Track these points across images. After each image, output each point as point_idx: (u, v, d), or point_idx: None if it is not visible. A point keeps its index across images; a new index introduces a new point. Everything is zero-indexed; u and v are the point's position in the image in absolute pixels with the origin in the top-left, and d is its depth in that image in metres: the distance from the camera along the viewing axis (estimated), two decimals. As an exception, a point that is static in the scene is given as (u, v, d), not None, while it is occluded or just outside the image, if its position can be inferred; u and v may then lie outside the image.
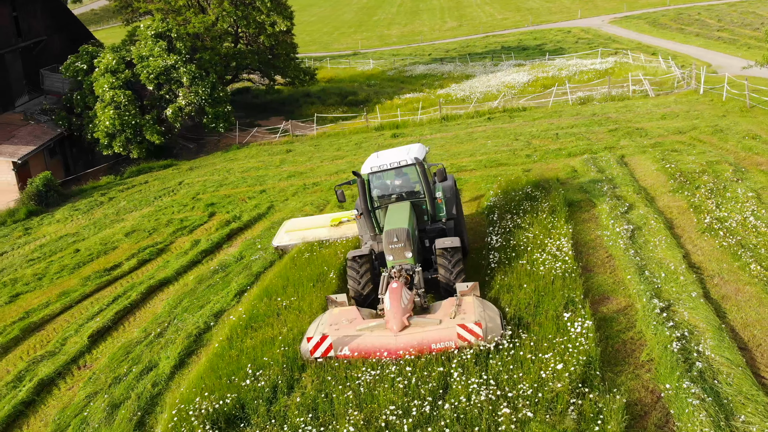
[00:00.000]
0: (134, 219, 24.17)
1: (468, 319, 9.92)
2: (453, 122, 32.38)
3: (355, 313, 10.78)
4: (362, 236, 13.65)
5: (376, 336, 10.05)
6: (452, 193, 13.42)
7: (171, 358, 12.15)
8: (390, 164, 12.85)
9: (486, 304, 10.64)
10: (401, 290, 10.42)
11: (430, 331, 9.94)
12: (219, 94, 35.10)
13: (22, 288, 18.44)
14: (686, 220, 15.06)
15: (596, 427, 7.95)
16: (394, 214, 12.37)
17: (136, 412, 10.53)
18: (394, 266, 11.55)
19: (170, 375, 11.67)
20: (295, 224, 17.47)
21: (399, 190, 13.25)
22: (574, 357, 9.30)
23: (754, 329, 10.48)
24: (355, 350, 9.94)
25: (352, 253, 12.07)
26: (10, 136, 32.87)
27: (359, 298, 11.79)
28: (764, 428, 8.09)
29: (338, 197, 13.62)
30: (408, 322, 10.18)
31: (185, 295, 15.50)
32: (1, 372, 13.37)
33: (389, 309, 10.24)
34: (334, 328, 10.33)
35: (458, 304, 10.49)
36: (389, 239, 11.49)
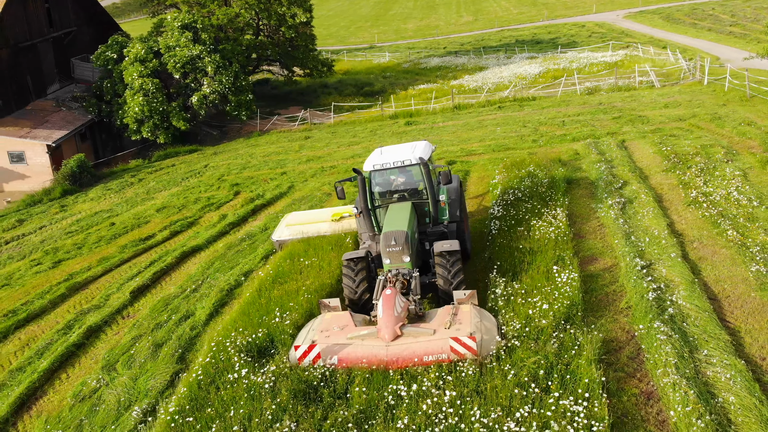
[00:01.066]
0: (164, 197, 25.83)
1: (463, 330, 9.53)
2: (464, 111, 33.70)
3: (348, 319, 10.42)
4: (361, 235, 13.29)
5: (367, 345, 9.68)
6: (457, 196, 13.06)
7: (206, 308, 13.70)
8: (393, 163, 12.38)
9: (483, 314, 10.34)
10: (395, 298, 10.03)
11: (423, 342, 9.55)
12: (241, 83, 36.71)
13: (63, 255, 20.12)
14: (675, 195, 16.34)
15: (573, 352, 9.34)
16: (394, 214, 11.98)
17: (177, 350, 12.08)
18: (391, 270, 11.18)
19: (206, 321, 13.22)
20: (296, 218, 17.00)
21: (402, 188, 12.82)
22: (559, 301, 10.69)
23: (725, 284, 11.79)
24: (344, 360, 9.59)
25: (347, 255, 11.65)
26: (43, 122, 34.71)
27: (354, 301, 11.41)
28: (723, 359, 9.41)
29: (338, 194, 13.08)
30: (400, 331, 9.79)
31: (216, 259, 17.07)
32: (52, 323, 14.98)
33: (381, 317, 9.87)
34: (324, 335, 10.01)
35: (454, 313, 10.07)
36: (387, 242, 11.14)
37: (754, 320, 10.56)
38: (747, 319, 10.64)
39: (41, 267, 19.27)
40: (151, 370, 11.49)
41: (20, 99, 35.89)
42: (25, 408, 11.52)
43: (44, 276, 18.38)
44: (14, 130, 33.22)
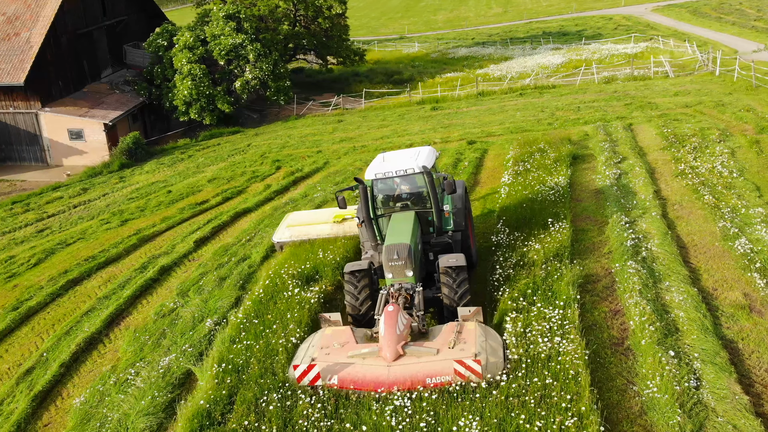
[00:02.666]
0: (213, 171, 28.68)
1: (467, 351, 9.28)
2: (488, 97, 35.94)
3: (349, 335, 10.16)
4: (363, 244, 12.88)
5: (368, 365, 9.39)
6: (462, 204, 12.67)
7: (260, 252, 16.35)
8: (396, 171, 11.89)
9: (489, 332, 10.02)
10: (397, 315, 9.70)
11: (426, 363, 9.25)
12: (280, 70, 39.45)
13: (129, 216, 23.05)
14: (666, 168, 18.54)
15: (556, 277, 11.75)
16: (396, 225, 11.58)
17: (239, 281, 14.75)
18: (393, 284, 10.87)
19: (260, 261, 15.87)
20: (298, 219, 16.55)
21: (405, 197, 12.41)
22: (550, 243, 13.10)
23: (694, 236, 14.06)
24: (344, 380, 9.33)
25: (349, 267, 11.29)
26: (99, 102, 37.89)
27: (356, 315, 11.13)
28: (680, 288, 11.70)
29: (339, 204, 12.61)
30: (403, 351, 9.47)
31: (265, 218, 19.76)
32: (128, 265, 17.80)
33: (383, 335, 9.54)
34: (324, 353, 9.78)
35: (458, 331, 9.79)
36: (389, 256, 10.76)
37: (713, 262, 12.83)
38: (707, 261, 12.91)
39: (110, 225, 22.22)
40: (218, 295, 14.18)
41: (78, 82, 39.12)
42: (115, 324, 14.31)
43: (114, 232, 21.31)
44: (74, 110, 36.43)
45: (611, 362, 10.04)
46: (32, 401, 11.51)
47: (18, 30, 36.37)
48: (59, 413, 11.32)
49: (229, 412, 9.42)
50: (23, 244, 22.00)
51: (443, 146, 25.74)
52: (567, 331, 10.08)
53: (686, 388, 8.95)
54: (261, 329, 11.43)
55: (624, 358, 10.09)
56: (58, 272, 17.76)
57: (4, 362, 13.45)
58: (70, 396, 11.69)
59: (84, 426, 10.45)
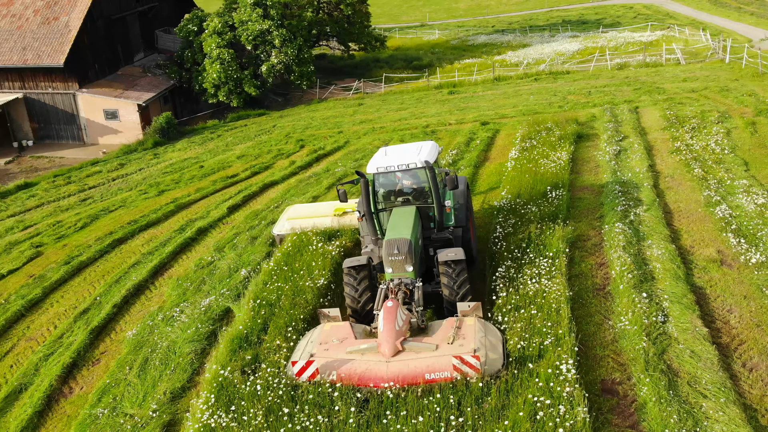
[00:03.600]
0: (241, 149, 30.47)
1: (466, 347, 9.31)
2: (504, 82, 37.25)
3: (348, 330, 10.20)
4: (363, 238, 12.86)
5: (366, 361, 9.40)
6: (464, 200, 12.73)
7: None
8: (398, 166, 11.88)
9: (488, 328, 10.02)
10: (396, 310, 9.69)
11: (425, 358, 9.26)
12: (304, 56, 41.08)
13: (165, 187, 24.92)
14: (663, 146, 19.87)
15: (549, 233, 13.24)
16: (397, 220, 11.58)
17: (269, 240, 16.46)
18: (393, 279, 10.90)
19: (286, 225, 17.61)
20: (298, 211, 16.57)
21: (406, 191, 12.44)
22: (547, 207, 14.60)
23: (680, 203, 15.45)
24: (342, 376, 9.31)
25: (349, 262, 11.32)
26: (133, 85, 39.88)
27: (356, 309, 11.17)
28: (660, 245, 13.12)
29: (340, 197, 12.61)
30: (401, 346, 9.48)
31: (290, 189, 21.48)
32: (167, 227, 19.62)
33: (382, 331, 9.55)
34: (323, 348, 9.80)
35: (458, 327, 9.83)
36: (390, 250, 10.78)
37: (694, 225, 14.24)
38: (689, 224, 14.33)
39: (148, 195, 24.11)
40: (251, 250, 15.92)
41: (112, 65, 41.12)
42: (159, 274, 16.12)
43: (152, 200, 23.18)
44: (109, 91, 38.45)
45: (592, 303, 11.57)
46: (90, 334, 13.35)
47: (57, 14, 38.41)
48: (114, 344, 13.15)
49: (263, 335, 11.12)
50: (68, 211, 24.00)
51: (458, 127, 27.22)
52: (554, 276, 11.61)
53: (654, 322, 10.45)
54: (290, 274, 13.12)
55: (603, 300, 11.62)
56: (103, 234, 19.67)
57: (60, 306, 15.33)
58: (123, 330, 13.52)
59: (137, 352, 12.24)
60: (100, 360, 12.62)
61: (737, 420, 8.31)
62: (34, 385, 11.97)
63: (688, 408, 8.63)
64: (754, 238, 13.07)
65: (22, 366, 12.83)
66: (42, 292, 15.89)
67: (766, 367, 9.53)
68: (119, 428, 10.09)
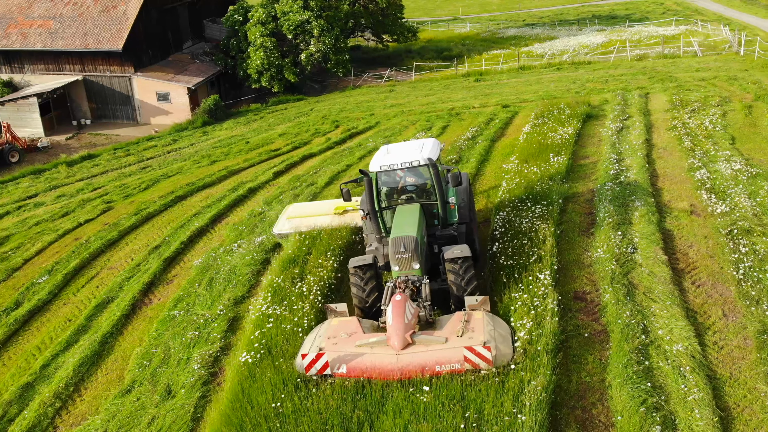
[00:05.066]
0: (282, 128, 33.36)
1: (476, 339, 9.39)
2: (528, 71, 39.45)
3: (356, 325, 10.24)
4: (367, 237, 12.86)
5: (377, 354, 9.45)
6: (467, 197, 12.85)
7: (323, 182, 20.73)
8: (401, 164, 11.91)
9: (496, 321, 10.15)
10: (405, 304, 9.80)
11: (435, 351, 9.33)
12: (340, 45, 43.85)
13: (215, 158, 27.91)
14: (663, 124, 22.03)
15: (547, 188, 15.65)
16: (402, 218, 11.61)
17: (309, 196, 19.20)
18: (400, 276, 10.93)
19: (323, 186, 20.30)
20: (298, 210, 16.51)
21: (409, 189, 12.45)
22: (548, 169, 17.01)
23: (666, 168, 17.69)
24: (353, 369, 9.36)
25: (354, 261, 11.34)
26: (183, 70, 43.13)
27: (364, 308, 11.18)
28: (641, 199, 15.39)
29: (343, 196, 12.67)
30: (411, 339, 9.55)
31: (326, 159, 24.22)
32: (221, 188, 22.49)
33: (391, 324, 9.61)
34: (331, 342, 9.83)
35: (466, 320, 9.89)
36: (396, 248, 10.82)
37: (675, 185, 16.49)
38: (670, 185, 16.59)
39: (201, 164, 27.12)
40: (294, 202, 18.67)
41: (164, 51, 44.46)
42: (217, 221, 18.97)
43: (206, 168, 26.16)
44: (161, 75, 41.75)
45: (576, 240, 13.99)
46: (163, 263, 16.24)
47: (116, 4, 41.84)
48: (183, 269, 16.02)
49: (308, 257, 13.83)
50: (130, 176, 27.16)
51: (480, 110, 29.62)
52: (546, 218, 14.06)
53: (624, 252, 12.84)
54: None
55: (585, 238, 14.03)
56: (165, 192, 22.68)
57: (135, 244, 18.30)
58: (190, 260, 16.38)
59: (204, 274, 15.06)
60: (172, 281, 15.50)
61: (677, 316, 10.66)
62: (119, 298, 14.86)
63: (639, 308, 11.02)
64: (723, 194, 15.29)
65: (107, 286, 15.74)
66: (118, 234, 18.92)
67: (711, 284, 11.85)
68: (193, 323, 12.88)
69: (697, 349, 9.77)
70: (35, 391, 11.74)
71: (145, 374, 11.40)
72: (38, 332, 14.21)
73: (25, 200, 26.13)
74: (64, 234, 20.06)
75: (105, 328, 13.32)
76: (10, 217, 23.94)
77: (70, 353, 12.76)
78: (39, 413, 10.94)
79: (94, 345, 12.71)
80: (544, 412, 8.41)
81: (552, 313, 10.46)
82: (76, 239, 19.34)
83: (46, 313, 15.01)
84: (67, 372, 11.92)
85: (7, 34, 42.65)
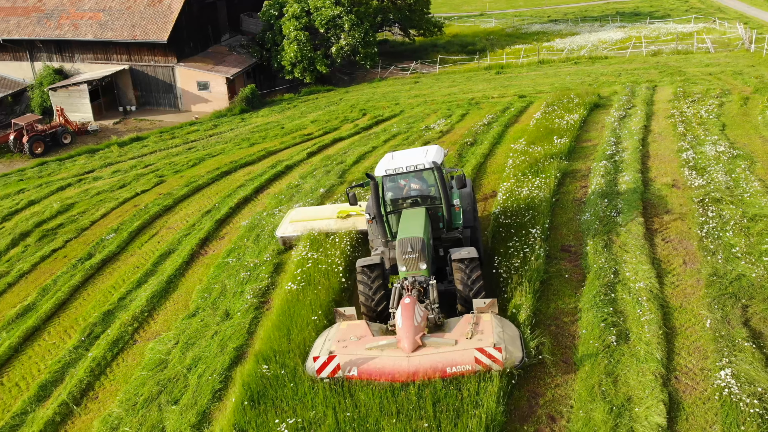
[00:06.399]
0: (314, 116, 35.96)
1: (486, 341, 9.52)
2: (546, 65, 41.46)
3: (365, 328, 10.33)
4: (373, 241, 13.08)
5: (387, 356, 9.54)
6: (470, 201, 13.07)
7: (351, 161, 23.19)
8: (406, 168, 12.06)
9: (505, 323, 10.30)
10: (414, 306, 9.93)
11: (446, 353, 9.43)
12: (369, 39, 46.32)
13: (254, 141, 30.60)
14: (662, 113, 24.06)
15: (547, 164, 17.91)
16: (408, 221, 11.79)
17: (339, 173, 21.69)
18: (407, 278, 11.07)
19: (352, 164, 22.78)
20: (301, 214, 16.84)
21: (414, 194, 12.64)
22: (552, 150, 19.26)
23: (658, 150, 19.77)
24: (364, 372, 9.44)
25: (362, 262, 11.50)
26: (221, 61, 45.98)
27: (370, 307, 11.33)
28: (630, 174, 17.51)
29: (350, 200, 12.94)
30: (421, 341, 9.65)
31: (354, 142, 26.73)
32: (262, 165, 25.11)
33: (401, 327, 9.73)
34: (341, 346, 9.90)
35: (475, 323, 10.00)
36: (403, 249, 10.99)
37: (663, 164, 18.61)
38: (659, 164, 18.71)
39: (241, 146, 29.83)
40: (326, 178, 21.18)
41: (204, 43, 47.37)
42: (259, 192, 21.53)
43: (246, 149, 28.85)
44: (201, 65, 44.64)
45: (569, 207, 16.26)
46: (215, 223, 18.86)
47: (161, -1, 44.81)
48: (233, 229, 18.63)
49: (338, 216, 16.35)
50: (178, 156, 29.98)
51: (498, 100, 31.83)
52: (543, 189, 16.36)
53: (607, 215, 15.07)
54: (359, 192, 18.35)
55: (577, 206, 16.29)
56: (211, 169, 25.39)
57: (188, 209, 20.98)
58: (238, 222, 18.99)
59: (251, 232, 17.63)
60: (224, 237, 18.14)
61: (644, 263, 12.87)
62: (179, 250, 17.52)
63: (613, 257, 13.28)
64: (704, 171, 17.40)
65: (167, 241, 18.41)
66: (172, 201, 21.64)
67: (678, 240, 14.04)
68: (244, 267, 15.45)
69: (656, 286, 12.04)
70: (115, 317, 14.42)
71: (207, 303, 14.01)
72: (111, 276, 16.94)
73: (83, 175, 29.12)
74: (124, 202, 22.87)
75: (169, 271, 15.98)
76: (72, 188, 26.90)
77: (141, 289, 15.44)
78: (120, 331, 13.60)
79: (162, 283, 15.37)
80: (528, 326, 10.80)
81: (537, 257, 12.81)
82: (135, 206, 22.11)
83: (116, 262, 17.76)
84: (141, 302, 14.59)
85: (60, 25, 45.93)
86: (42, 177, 30.59)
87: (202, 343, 12.38)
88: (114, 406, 11.01)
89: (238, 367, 11.11)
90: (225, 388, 10.91)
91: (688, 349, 10.37)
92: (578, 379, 9.85)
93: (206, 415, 10.29)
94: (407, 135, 26.28)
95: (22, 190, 27.79)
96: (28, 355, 13.60)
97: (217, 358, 11.73)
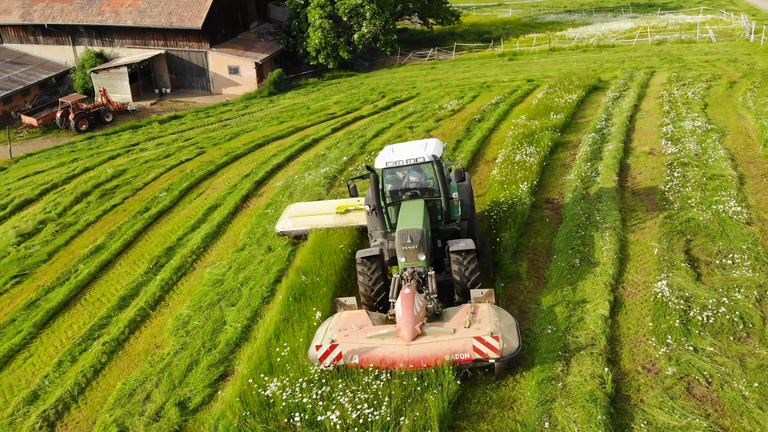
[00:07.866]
0: (336, 98, 38.87)
1: (483, 330, 9.73)
2: (557, 52, 43.90)
3: (365, 317, 10.56)
4: (372, 233, 13.30)
5: (388, 345, 9.81)
6: (468, 195, 13.19)
7: (371, 135, 26.02)
8: (406, 161, 12.30)
9: (501, 313, 10.56)
10: (414, 296, 10.18)
11: (444, 341, 9.67)
12: (390, 27, 49.05)
13: (283, 119, 33.58)
14: (653, 95, 26.58)
15: (542, 135, 20.60)
16: (407, 212, 12.03)
17: (360, 146, 24.55)
18: (406, 268, 11.31)
19: (371, 137, 25.63)
20: (300, 209, 17.10)
21: (413, 186, 12.85)
22: (548, 124, 21.94)
23: (643, 126, 22.35)
24: (365, 360, 9.71)
25: (361, 253, 11.70)
26: (251, 47, 49.01)
27: (369, 297, 11.59)
28: (614, 144, 20.21)
29: (350, 192, 13.22)
30: (421, 330, 9.90)
31: (373, 120, 29.59)
32: (291, 140, 28.08)
33: (401, 316, 9.97)
34: (343, 335, 10.11)
35: (473, 312, 10.23)
36: (403, 240, 11.23)
37: (644, 136, 21.21)
38: (641, 136, 21.32)
39: (272, 124, 32.84)
40: (348, 149, 24.05)
41: (234, 30, 50.42)
42: (291, 160, 24.50)
43: (276, 126, 31.85)
44: (232, 51, 47.70)
45: (557, 170, 18.97)
46: (253, 184, 21.86)
47: (195, -12, 47.88)
48: (269, 189, 21.61)
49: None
50: (215, 131, 33.08)
51: (508, 84, 34.44)
52: (536, 155, 19.09)
53: (588, 175, 17.77)
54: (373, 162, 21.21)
55: (565, 169, 19.00)
56: (246, 142, 28.42)
57: (229, 174, 23.99)
58: (274, 183, 21.96)
59: (285, 190, 20.57)
60: (262, 194, 21.13)
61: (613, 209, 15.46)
62: (224, 204, 20.52)
63: (588, 205, 15.94)
64: (678, 141, 19.99)
65: (213, 198, 21.41)
66: (215, 167, 24.70)
67: (644, 194, 16.68)
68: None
69: (619, 226, 14.76)
70: (176, 251, 17.45)
71: (252, 241, 17.00)
72: (167, 224, 20.01)
73: (130, 147, 32.35)
74: (170, 168, 25.97)
75: (218, 220, 19.01)
76: (121, 157, 30.12)
77: (195, 232, 18.46)
78: (182, 260, 16.61)
79: (213, 227, 18.40)
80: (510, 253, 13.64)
81: (523, 203, 15.62)
82: (181, 171, 25.20)
83: (170, 214, 20.83)
84: (196, 241, 17.61)
85: (101, 12, 49.23)
86: (92, 149, 33.91)
87: (250, 268, 15.37)
88: (183, 308, 14.06)
89: (283, 280, 14.09)
90: (271, 296, 13.89)
91: (636, 269, 13.12)
92: (545, 288, 12.67)
93: (258, 312, 13.28)
94: (422, 113, 29.07)
95: (76, 159, 31.11)
96: (104, 280, 16.68)
97: (264, 277, 14.71)
